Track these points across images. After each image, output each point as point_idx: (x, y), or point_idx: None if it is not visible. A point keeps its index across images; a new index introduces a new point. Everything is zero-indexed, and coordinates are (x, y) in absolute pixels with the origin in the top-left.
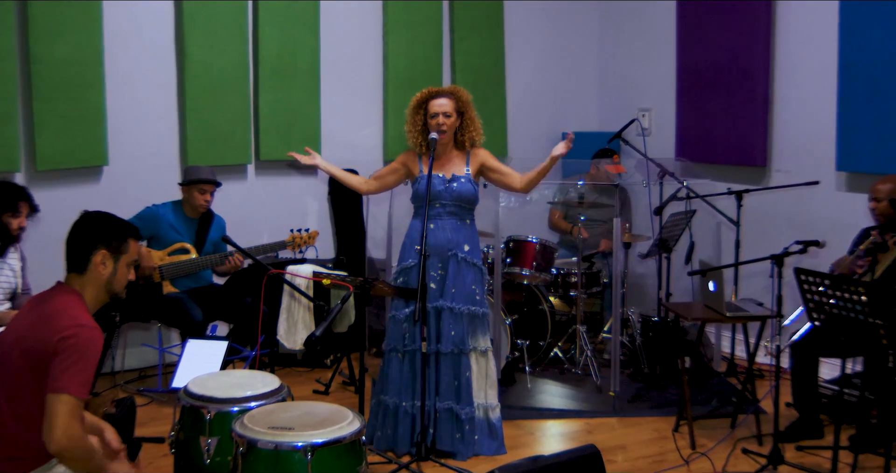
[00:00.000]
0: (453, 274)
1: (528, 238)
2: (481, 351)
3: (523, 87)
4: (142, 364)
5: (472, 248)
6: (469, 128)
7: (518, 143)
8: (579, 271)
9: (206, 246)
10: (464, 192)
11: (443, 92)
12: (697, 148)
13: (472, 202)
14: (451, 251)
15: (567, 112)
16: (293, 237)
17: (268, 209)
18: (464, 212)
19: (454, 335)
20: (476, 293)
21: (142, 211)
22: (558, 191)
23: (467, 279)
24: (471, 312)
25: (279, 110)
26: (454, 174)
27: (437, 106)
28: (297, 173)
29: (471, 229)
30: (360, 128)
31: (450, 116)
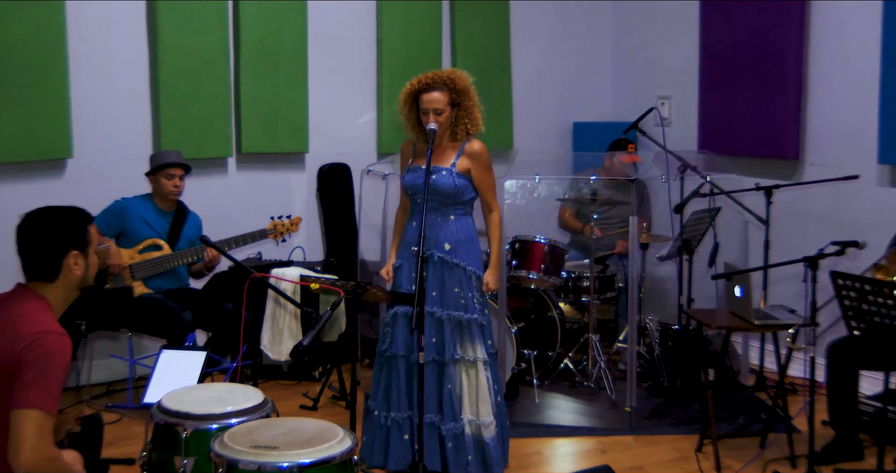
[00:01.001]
0: (432, 276)
1: (536, 238)
2: (469, 360)
3: (530, 73)
4: (110, 377)
5: (456, 247)
6: (464, 120)
7: (524, 135)
8: (592, 274)
9: (181, 243)
10: (440, 186)
11: (435, 84)
12: (722, 139)
13: (452, 197)
14: (428, 250)
15: (578, 100)
16: (274, 224)
17: (250, 206)
18: (446, 207)
19: (434, 342)
20: (461, 296)
21: (109, 205)
22: (569, 187)
23: (448, 282)
24: (455, 318)
25: (263, 98)
26: (436, 166)
27: (428, 102)
28: (283, 167)
29: (455, 226)
30: (351, 117)
31: (441, 113)
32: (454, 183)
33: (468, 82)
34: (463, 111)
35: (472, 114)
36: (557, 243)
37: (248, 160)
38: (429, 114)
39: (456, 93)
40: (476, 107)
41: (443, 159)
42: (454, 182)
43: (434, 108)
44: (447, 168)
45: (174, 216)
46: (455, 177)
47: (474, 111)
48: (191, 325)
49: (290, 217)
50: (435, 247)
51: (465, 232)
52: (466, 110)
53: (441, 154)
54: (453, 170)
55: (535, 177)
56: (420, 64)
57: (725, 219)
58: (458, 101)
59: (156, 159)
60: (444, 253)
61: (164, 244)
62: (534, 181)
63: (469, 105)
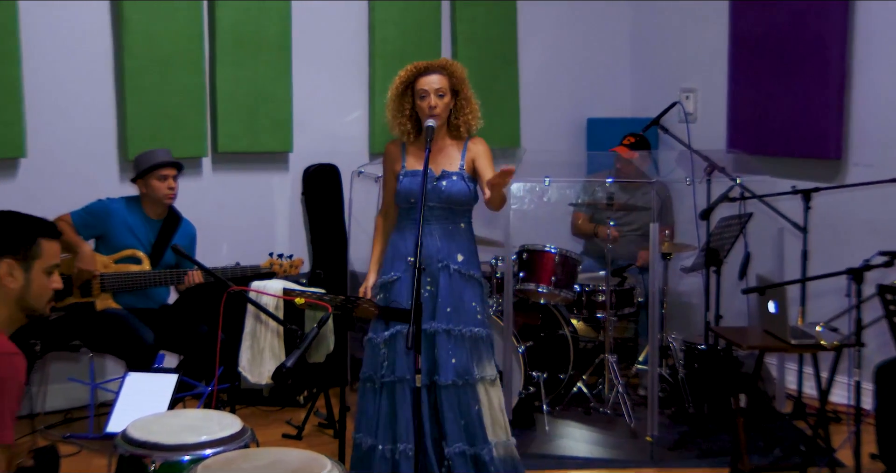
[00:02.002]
0: (446, 289)
1: (546, 247)
2: (490, 380)
3: (540, 63)
4: (68, 403)
5: (468, 258)
6: (465, 111)
7: (533, 132)
8: (608, 288)
9: (166, 258)
10: (455, 193)
11: (432, 67)
12: (755, 137)
13: (467, 203)
14: (441, 262)
15: (593, 94)
16: (270, 262)
17: (227, 212)
18: (456, 215)
19: (456, 363)
20: (477, 311)
21: (92, 204)
22: (582, 191)
23: (465, 295)
24: (474, 335)
25: (241, 91)
26: (444, 170)
27: (428, 83)
28: (264, 168)
29: (465, 235)
30: (340, 113)
31: (443, 96)
32: (468, 188)
33: (465, 73)
34: (463, 100)
35: (472, 105)
36: (570, 253)
37: (225, 160)
38: (429, 97)
39: (455, 80)
40: (474, 99)
41: (447, 161)
42: (468, 187)
43: (436, 90)
44: (457, 171)
45: (163, 225)
46: (467, 180)
47: (474, 101)
48: (151, 347)
49: (291, 257)
50: (448, 258)
51: (473, 241)
52: (467, 100)
53: (442, 154)
54: (463, 173)
55: (545, 179)
56: (416, 53)
57: (758, 227)
58: (457, 88)
59: (144, 160)
60: (458, 265)
61: (145, 258)
62: (543, 184)
63: (468, 94)
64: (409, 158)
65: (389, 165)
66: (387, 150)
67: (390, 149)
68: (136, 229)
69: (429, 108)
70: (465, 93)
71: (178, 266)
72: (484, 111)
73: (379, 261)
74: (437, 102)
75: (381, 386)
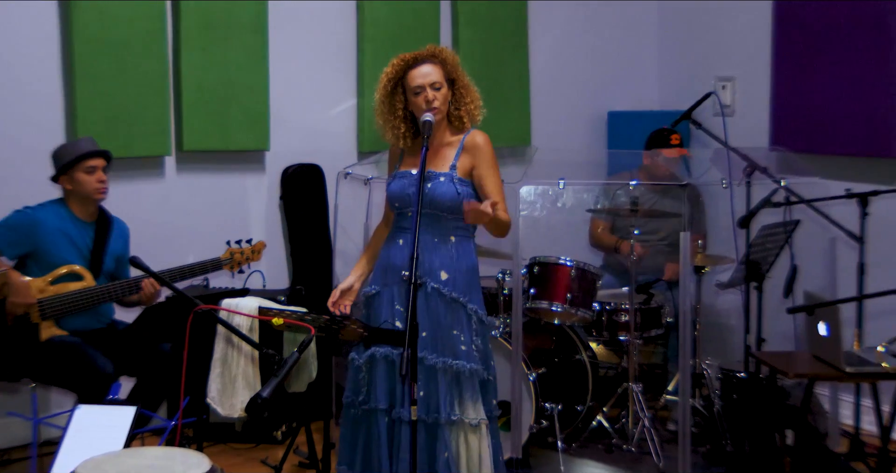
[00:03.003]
0: (422, 311)
1: (560, 260)
2: (471, 423)
3: (554, 49)
4: (7, 442)
5: (454, 278)
6: (465, 100)
7: (545, 128)
8: (632, 306)
9: (107, 264)
10: (437, 196)
11: (421, 57)
12: (802, 132)
13: (452, 210)
14: (420, 278)
15: (615, 84)
16: (230, 252)
17: (194, 219)
18: (445, 224)
19: (424, 396)
20: (462, 341)
21: (10, 217)
22: (602, 195)
23: (446, 320)
24: (454, 368)
25: (210, 80)
26: (431, 170)
27: (421, 76)
28: (236, 169)
29: (456, 249)
30: (325, 105)
31: (440, 87)
32: (456, 191)
33: (457, 59)
34: (462, 89)
35: (472, 92)
36: (587, 266)
37: (192, 160)
38: (425, 91)
39: (448, 67)
40: (472, 86)
41: (439, 161)
42: (456, 189)
43: (430, 82)
44: (445, 172)
45: (97, 228)
46: (457, 183)
47: (473, 88)
48: (111, 376)
49: (250, 242)
50: (428, 275)
51: (467, 260)
52: (465, 87)
53: (436, 155)
54: (454, 173)
55: (559, 181)
56: (412, 37)
57: (806, 236)
58: (452, 77)
59: (65, 153)
60: (438, 284)
61: (86, 273)
62: (557, 187)
63: (466, 81)
64: (405, 159)
65: (391, 167)
66: (390, 153)
67: (392, 151)
68: (72, 236)
69: (427, 104)
70: (463, 81)
71: (118, 270)
72: (489, 104)
73: (362, 266)
74: (435, 95)
75: (361, 414)
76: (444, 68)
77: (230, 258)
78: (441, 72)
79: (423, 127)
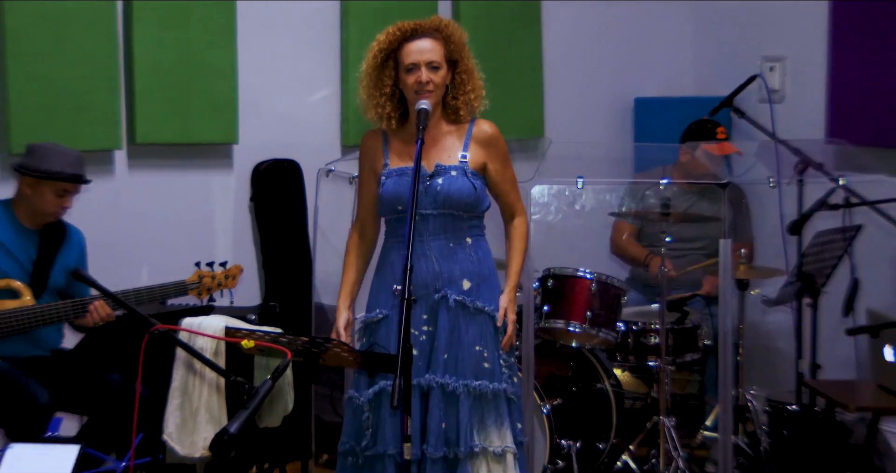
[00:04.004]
0: (445, 329)
1: (579, 272)
2: (495, 453)
3: (572, 24)
4: None
5: (477, 285)
6: (465, 87)
7: (561, 117)
8: (663, 326)
9: (54, 279)
10: (454, 193)
11: (422, 28)
12: (865, 122)
13: (473, 207)
14: (439, 292)
15: (643, 65)
16: (199, 275)
17: (148, 225)
18: (460, 225)
19: (446, 428)
20: (485, 358)
21: None
22: (627, 196)
23: (467, 335)
24: (477, 390)
25: (168, 62)
26: (439, 164)
27: (418, 52)
28: (199, 165)
29: (475, 252)
30: (302, 91)
31: (438, 68)
32: (472, 185)
33: (465, 37)
34: (464, 73)
35: (475, 79)
36: (611, 279)
37: (146, 154)
38: (418, 71)
39: (452, 46)
40: (477, 71)
41: (444, 153)
42: (472, 184)
43: (428, 61)
44: (457, 166)
45: (43, 236)
46: (471, 176)
47: (476, 75)
48: (47, 408)
49: (224, 265)
50: (448, 286)
51: (488, 261)
52: (468, 72)
53: (437, 145)
54: (466, 166)
55: (578, 180)
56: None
57: (870, 244)
58: (455, 58)
59: (44, 159)
60: (462, 295)
61: (24, 289)
62: (575, 186)
63: (470, 66)
64: (392, 154)
65: (368, 163)
66: (363, 144)
67: (368, 143)
68: (10, 245)
69: (419, 85)
70: (466, 64)
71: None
72: (495, 89)
73: (352, 293)
74: (431, 77)
75: (365, 462)
76: (446, 46)
77: (198, 282)
78: (442, 50)
79: (419, 116)
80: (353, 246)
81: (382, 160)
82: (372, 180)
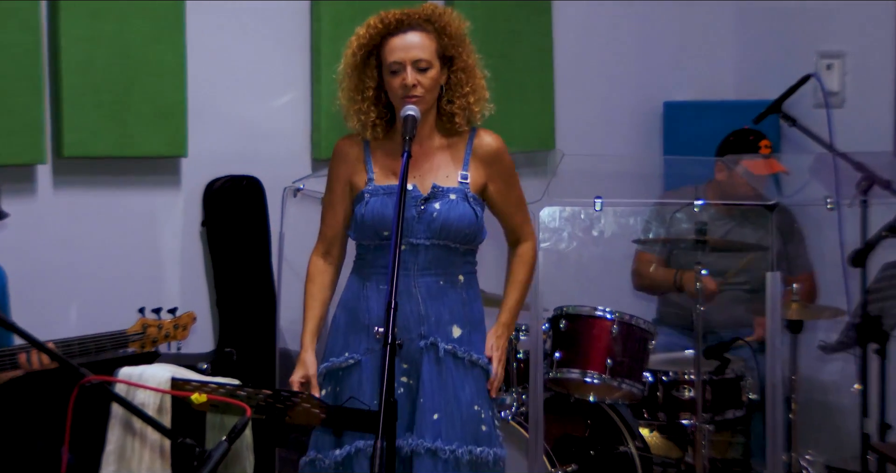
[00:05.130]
0: (433, 383)
1: (597, 311)
2: None
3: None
4: None
5: (469, 332)
6: (463, 89)
7: (575, 126)
8: (699, 377)
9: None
10: (453, 221)
11: (409, 19)
12: None
13: (472, 239)
14: (426, 338)
15: (673, 63)
16: (143, 325)
17: (78, 253)
18: (453, 259)
19: None
20: (482, 419)
21: None
22: (654, 220)
23: (464, 393)
24: (479, 459)
25: (102, 61)
26: (436, 184)
27: (404, 48)
28: (140, 183)
29: (466, 292)
30: (265, 95)
31: (428, 68)
32: (474, 213)
33: (463, 27)
34: (461, 73)
35: (475, 81)
36: (635, 320)
37: (75, 170)
38: (404, 71)
39: (447, 39)
40: (479, 70)
41: (440, 171)
42: (474, 211)
43: (414, 59)
44: (456, 188)
45: None
46: (472, 200)
47: (478, 74)
48: None
49: (174, 312)
50: (437, 333)
51: (478, 305)
52: (466, 72)
53: (431, 161)
54: (467, 189)
55: (595, 201)
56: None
57: None
58: (451, 54)
59: None
60: (453, 344)
61: None
62: (592, 208)
63: (469, 64)
64: (376, 167)
65: (345, 172)
66: (340, 149)
67: (346, 149)
68: None
69: (404, 89)
70: (465, 61)
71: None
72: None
73: (316, 331)
74: (419, 79)
75: None
76: (439, 40)
77: (141, 333)
78: (434, 45)
79: (405, 125)
80: (317, 274)
81: (366, 174)
82: (347, 194)
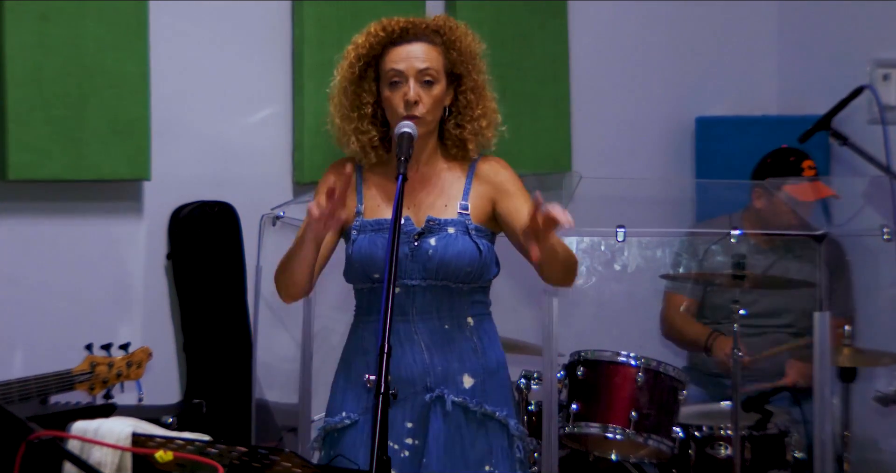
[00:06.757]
0: (439, 442)
1: (620, 357)
2: None
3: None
4: None
5: (482, 381)
6: (474, 111)
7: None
8: (736, 432)
9: None
10: (451, 259)
11: (416, 29)
12: None
13: (476, 277)
14: (431, 391)
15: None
16: (91, 363)
17: (26, 289)
18: (459, 301)
19: None
20: None
21: None
22: (684, 252)
23: (473, 451)
24: None
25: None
26: (431, 217)
27: (406, 58)
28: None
29: (480, 338)
30: (241, 109)
31: (433, 82)
32: (476, 248)
33: (476, 45)
34: (470, 94)
35: (485, 103)
36: (664, 367)
37: (22, 195)
38: (405, 84)
39: (456, 55)
40: (489, 93)
41: (437, 201)
42: (476, 246)
43: (419, 70)
44: (455, 220)
45: None
46: (474, 233)
47: (487, 97)
48: None
49: (126, 348)
50: (444, 384)
51: (495, 350)
52: (476, 93)
53: (428, 190)
54: (468, 220)
55: (618, 230)
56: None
57: None
58: (459, 71)
59: None
60: (462, 396)
61: None
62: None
63: (479, 82)
64: (367, 197)
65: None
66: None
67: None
68: None
69: (405, 105)
70: (475, 80)
71: None
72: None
73: None
74: (422, 95)
75: None
76: (447, 55)
77: (90, 372)
78: (442, 59)
79: (400, 143)
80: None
81: (355, 204)
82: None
